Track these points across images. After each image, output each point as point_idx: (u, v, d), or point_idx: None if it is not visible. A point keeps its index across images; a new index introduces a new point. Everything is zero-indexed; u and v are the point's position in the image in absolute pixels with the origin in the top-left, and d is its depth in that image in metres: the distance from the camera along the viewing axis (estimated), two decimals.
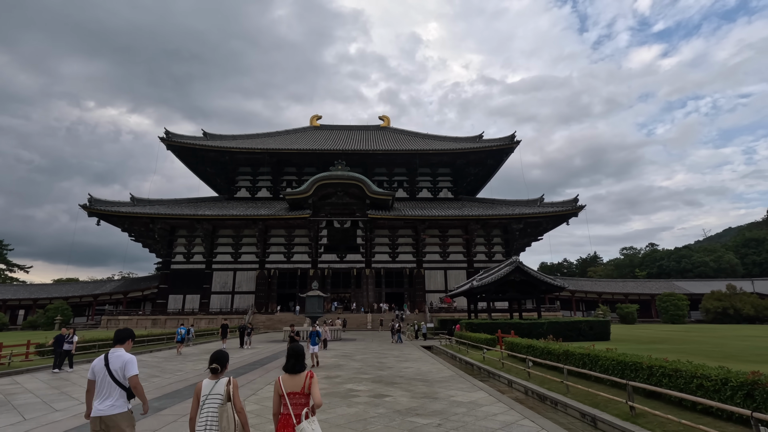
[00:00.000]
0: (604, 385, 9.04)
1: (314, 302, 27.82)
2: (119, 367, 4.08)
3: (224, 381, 3.80)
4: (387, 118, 77.56)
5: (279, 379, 3.77)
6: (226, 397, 3.70)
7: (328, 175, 51.73)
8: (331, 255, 54.40)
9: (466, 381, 11.17)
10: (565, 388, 9.09)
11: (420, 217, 52.35)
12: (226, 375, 3.95)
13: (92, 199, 50.66)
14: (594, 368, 9.35)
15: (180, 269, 54.33)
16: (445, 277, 55.38)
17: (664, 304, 52.51)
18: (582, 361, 9.87)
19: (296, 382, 3.68)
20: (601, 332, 22.70)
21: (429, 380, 11.40)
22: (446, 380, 11.37)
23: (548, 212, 53.56)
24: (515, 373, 11.94)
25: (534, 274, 24.76)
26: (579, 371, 9.71)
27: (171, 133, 57.31)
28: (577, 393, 8.83)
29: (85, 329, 48.47)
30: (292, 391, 3.65)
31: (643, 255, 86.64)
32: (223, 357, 3.97)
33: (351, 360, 16.76)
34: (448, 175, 64.36)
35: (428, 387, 10.32)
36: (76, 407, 8.56)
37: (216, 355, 3.97)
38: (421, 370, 13.63)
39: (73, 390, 10.63)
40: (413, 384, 10.81)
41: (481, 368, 14.27)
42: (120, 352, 4.19)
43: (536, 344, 12.36)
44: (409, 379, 11.57)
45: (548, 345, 11.61)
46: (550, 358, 11.21)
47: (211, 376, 3.87)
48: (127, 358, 4.14)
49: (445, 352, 21.19)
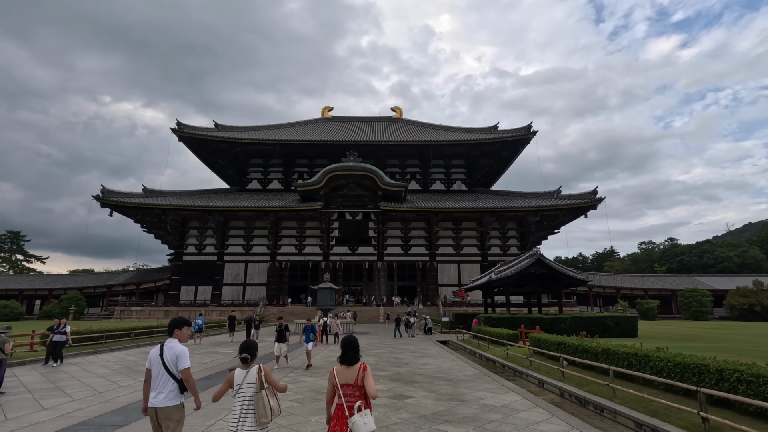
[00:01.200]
0: (655, 389, 7.96)
1: (326, 294, 27.04)
2: (172, 359, 4.09)
3: (255, 369, 3.85)
4: (399, 110, 76.26)
5: (333, 370, 3.79)
6: (259, 385, 3.76)
7: (340, 166, 50.82)
8: (343, 247, 53.66)
9: (493, 380, 10.18)
10: (611, 391, 8.03)
11: (433, 209, 51.19)
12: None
13: (105, 190, 50.64)
14: (643, 369, 8.26)
15: (192, 261, 54.18)
16: (458, 270, 54.27)
17: (686, 300, 50.65)
18: (627, 361, 8.78)
19: (350, 374, 3.71)
20: (628, 328, 21.46)
21: (452, 379, 10.45)
22: (471, 379, 10.40)
23: (566, 205, 51.91)
24: (546, 373, 10.90)
25: (556, 267, 23.56)
26: (623, 372, 8.63)
27: (182, 125, 56.94)
28: (626, 398, 7.78)
29: (99, 320, 48.74)
30: (346, 383, 3.68)
31: (662, 249, 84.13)
32: (253, 346, 4.02)
33: (365, 355, 15.89)
34: (461, 166, 62.94)
35: (453, 387, 9.37)
36: (66, 405, 7.83)
37: (246, 344, 4.01)
38: (441, 367, 12.68)
39: (69, 384, 9.94)
40: (436, 383, 9.86)
41: (506, 366, 13.26)
42: (173, 344, 4.18)
43: (568, 341, 11.29)
44: (431, 378, 10.63)
45: (583, 342, 10.53)
46: (587, 357, 10.15)
47: (242, 365, 3.91)
48: (179, 350, 4.13)
49: (462, 348, 20.21)
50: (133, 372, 11.72)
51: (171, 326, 4.31)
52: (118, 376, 11.15)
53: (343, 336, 6.84)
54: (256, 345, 4.09)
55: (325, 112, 74.83)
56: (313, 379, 10.49)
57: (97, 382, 10.27)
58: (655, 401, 7.05)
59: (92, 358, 14.86)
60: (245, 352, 3.93)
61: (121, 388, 9.47)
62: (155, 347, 4.22)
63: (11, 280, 57.64)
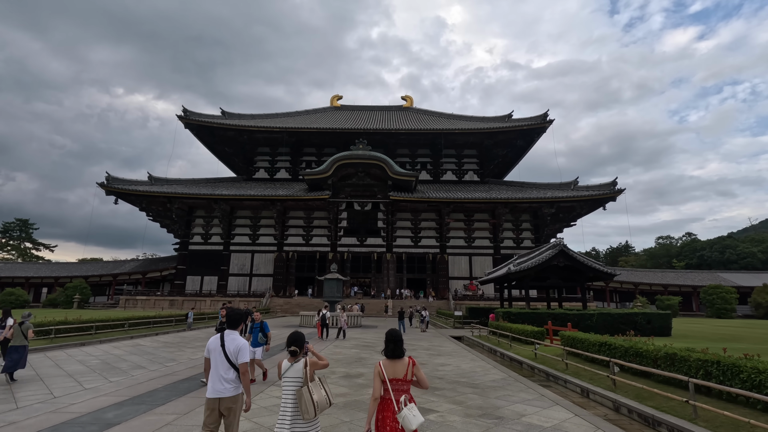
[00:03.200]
0: (750, 408, 6.28)
1: (332, 286, 25.59)
2: (234, 351, 4.10)
3: (301, 364, 3.77)
4: (410, 98, 74.20)
5: (380, 364, 3.68)
6: (305, 379, 3.68)
7: (349, 154, 49.18)
8: (351, 238, 52.21)
9: (527, 388, 8.58)
10: (692, 410, 6.36)
11: (445, 199, 49.39)
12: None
13: (110, 177, 49.72)
14: (730, 382, 6.57)
15: (198, 250, 53.23)
16: (469, 263, 52.57)
17: (709, 297, 48.38)
18: (704, 370, 7.09)
19: (398, 368, 3.63)
20: (661, 327, 19.65)
21: (478, 385, 8.86)
22: (500, 386, 8.81)
23: (583, 196, 49.72)
24: (588, 379, 9.25)
25: (581, 259, 21.76)
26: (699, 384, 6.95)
27: (189, 112, 55.76)
28: (711, 419, 6.12)
29: (104, 309, 48.07)
30: (394, 377, 3.60)
31: (681, 244, 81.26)
32: (301, 338, 3.91)
33: (374, 352, 14.39)
34: (474, 156, 60.93)
35: (481, 396, 7.78)
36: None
37: (294, 336, 3.91)
38: (461, 368, 11.10)
39: (22, 387, 8.31)
40: (460, 390, 8.29)
41: (535, 368, 11.63)
42: (234, 335, 4.21)
43: (615, 342, 9.59)
44: (452, 383, 9.06)
45: (635, 344, 8.84)
46: (643, 362, 8.47)
47: (290, 358, 3.85)
48: (241, 343, 4.16)
49: (480, 345, 18.62)
50: (111, 370, 10.35)
51: (235, 319, 4.34)
52: (90, 375, 9.67)
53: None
54: (303, 337, 3.95)
55: (334, 101, 73.09)
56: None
57: (59, 382, 8.79)
58: (759, 426, 5.38)
59: (74, 351, 13.54)
60: (293, 345, 3.84)
61: (83, 391, 7.87)
62: (214, 336, 4.25)
63: (18, 268, 57.31)
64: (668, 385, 7.81)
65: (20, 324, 9.13)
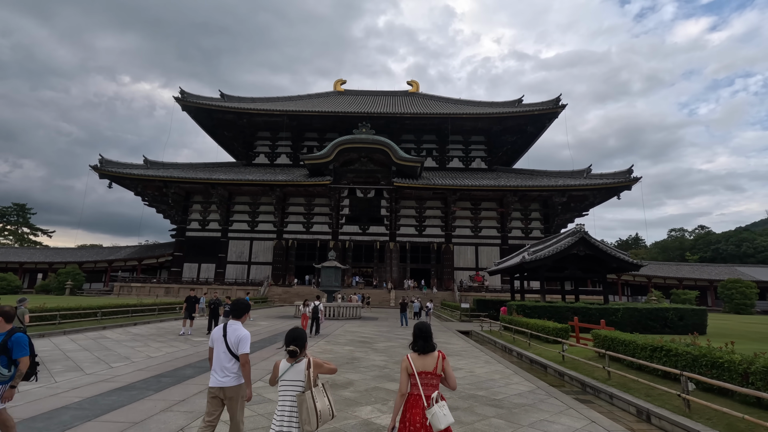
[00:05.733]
0: None
1: (330, 274, 23.67)
2: (235, 341, 4.06)
3: (303, 365, 3.28)
4: (416, 83, 71.63)
5: (407, 357, 3.40)
6: (307, 383, 3.19)
7: (351, 138, 46.97)
8: (353, 226, 50.25)
9: (566, 406, 6.56)
10: None
11: (451, 186, 47.17)
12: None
13: (103, 159, 47.87)
14: None
15: (195, 236, 51.56)
16: (476, 253, 50.56)
17: (728, 292, 46.09)
18: None
19: (427, 362, 3.35)
20: (695, 324, 17.52)
21: (501, 401, 6.85)
22: (529, 402, 6.79)
23: (597, 184, 47.32)
24: (644, 395, 7.18)
25: (603, 248, 19.61)
26: None
27: (186, 93, 53.59)
28: None
29: (97, 296, 46.63)
30: (424, 371, 3.33)
31: (695, 237, 78.56)
32: (302, 337, 3.42)
33: (371, 350, 12.44)
34: (481, 143, 58.54)
35: (509, 421, 5.78)
36: None
37: (293, 334, 3.40)
38: (476, 374, 9.10)
39: None
40: (479, 411, 6.27)
41: (563, 374, 9.61)
42: (237, 326, 4.15)
43: (678, 348, 7.47)
44: (468, 397, 7.05)
45: (711, 351, 6.76)
46: (722, 376, 6.41)
47: (289, 358, 3.35)
48: (242, 334, 4.09)
49: (491, 342, 16.62)
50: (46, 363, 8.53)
51: (239, 310, 4.25)
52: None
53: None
54: (305, 335, 3.49)
55: (338, 86, 70.60)
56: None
57: None
58: None
59: None
60: (293, 344, 3.33)
61: None
62: (217, 327, 4.23)
63: (11, 253, 55.94)
64: (762, 409, 5.76)
65: (15, 309, 8.64)
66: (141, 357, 10.14)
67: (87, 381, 7.52)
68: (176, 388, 7.10)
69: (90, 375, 8.01)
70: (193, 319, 15.47)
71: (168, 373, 8.40)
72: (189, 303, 15.26)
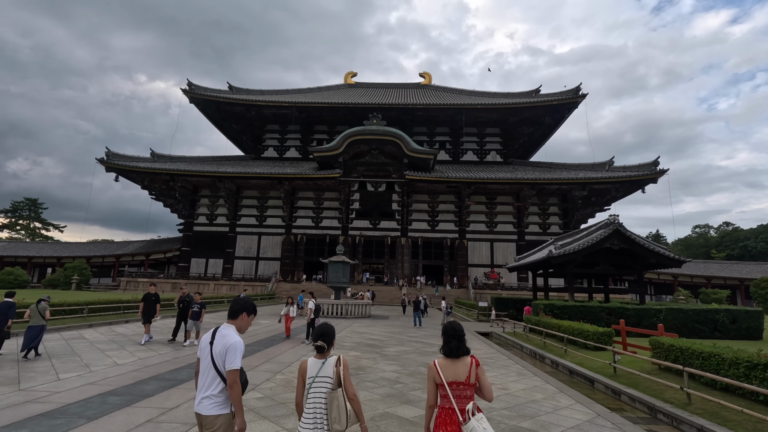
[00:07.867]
0: None
1: (338, 269, 22.04)
2: (220, 353, 2.92)
3: (333, 360, 3.04)
4: (428, 75, 69.57)
5: (435, 363, 2.98)
6: (336, 381, 2.96)
7: (362, 129, 45.25)
8: (363, 221, 48.61)
9: None
10: None
11: (465, 179, 45.15)
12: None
13: (110, 152, 47.07)
14: None
15: (202, 231, 50.52)
16: (491, 249, 48.51)
17: (762, 291, 43.21)
18: None
19: (459, 370, 2.92)
20: (749, 327, 15.43)
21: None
22: None
23: (620, 177, 44.80)
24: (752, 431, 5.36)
25: (642, 241, 17.55)
26: None
27: (193, 85, 52.44)
28: None
29: (104, 291, 45.93)
30: (455, 380, 2.89)
31: (720, 234, 75.06)
32: (330, 332, 3.12)
33: (381, 356, 10.74)
34: (497, 135, 56.28)
35: None
36: None
37: (322, 329, 3.11)
38: (511, 392, 7.33)
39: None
40: None
41: (620, 392, 7.76)
42: (227, 331, 3.01)
43: None
44: (508, 430, 5.29)
45: None
46: None
47: (317, 354, 3.08)
48: (230, 342, 2.93)
49: (516, 346, 14.79)
50: None
51: (238, 309, 3.11)
52: None
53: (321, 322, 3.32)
54: (333, 329, 3.15)
55: (348, 78, 68.96)
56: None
57: None
58: None
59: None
60: (321, 339, 3.06)
61: None
62: (208, 332, 3.05)
63: (21, 247, 55.71)
64: None
65: (37, 304, 9.91)
66: (104, 365, 8.55)
67: (13, 401, 5.91)
68: (118, 415, 5.45)
69: (23, 392, 6.38)
70: (150, 323, 12.25)
71: (121, 390, 6.75)
72: (148, 303, 12.12)
